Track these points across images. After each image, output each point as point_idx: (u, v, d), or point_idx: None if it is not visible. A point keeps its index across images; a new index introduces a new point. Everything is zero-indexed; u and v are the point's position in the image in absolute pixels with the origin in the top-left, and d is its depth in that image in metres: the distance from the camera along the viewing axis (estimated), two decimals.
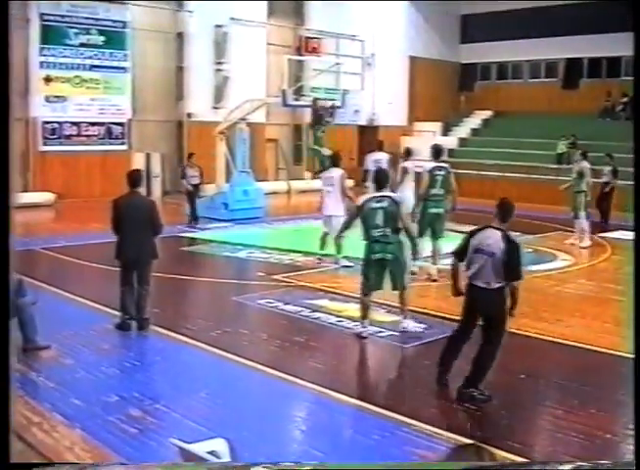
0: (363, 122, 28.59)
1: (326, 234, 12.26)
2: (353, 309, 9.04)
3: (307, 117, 25.31)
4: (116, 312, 8.57)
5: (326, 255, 12.34)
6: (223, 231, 15.94)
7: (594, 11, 26.73)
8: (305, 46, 25.75)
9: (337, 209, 12.01)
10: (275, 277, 11.36)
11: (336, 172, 12.28)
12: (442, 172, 11.35)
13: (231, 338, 8.27)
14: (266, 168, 25.49)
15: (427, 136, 28.95)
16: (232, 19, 23.96)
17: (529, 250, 13.06)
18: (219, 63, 23.89)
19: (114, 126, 22.10)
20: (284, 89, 17.30)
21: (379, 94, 28.38)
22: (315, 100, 17.94)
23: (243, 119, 18.23)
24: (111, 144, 22.04)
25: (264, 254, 13.43)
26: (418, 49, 30.13)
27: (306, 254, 13.14)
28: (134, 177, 8.58)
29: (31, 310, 7.63)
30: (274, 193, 23.18)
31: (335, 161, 12.63)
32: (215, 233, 15.67)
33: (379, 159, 14.93)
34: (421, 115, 30.10)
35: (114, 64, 21.94)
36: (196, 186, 16.89)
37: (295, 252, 13.44)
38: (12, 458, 2.79)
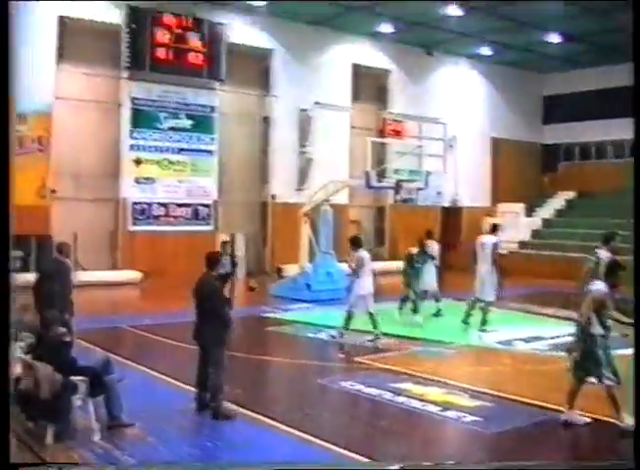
0: (446, 204, 28.56)
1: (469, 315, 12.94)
2: (437, 393, 8.84)
3: (390, 198, 25.96)
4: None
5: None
6: (306, 312, 15.94)
7: None
8: (388, 129, 26.49)
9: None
10: (358, 359, 11.25)
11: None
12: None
13: (314, 421, 8.16)
14: (349, 250, 25.30)
15: (511, 217, 28.65)
16: (317, 103, 24.53)
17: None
18: (303, 145, 24.40)
19: (200, 207, 22.61)
20: (367, 171, 17.47)
21: (461, 175, 28.38)
22: (398, 182, 18.03)
23: (326, 201, 18.46)
24: (197, 225, 22.51)
25: (347, 335, 13.31)
26: (500, 130, 30.18)
27: (388, 335, 13.02)
28: (210, 259, 8.67)
29: (117, 388, 7.74)
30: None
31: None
32: (298, 314, 15.68)
33: (431, 247, 15.65)
34: (504, 196, 29.87)
35: (202, 147, 22.62)
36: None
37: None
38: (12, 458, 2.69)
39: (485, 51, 27.87)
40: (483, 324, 13.71)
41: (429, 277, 15.37)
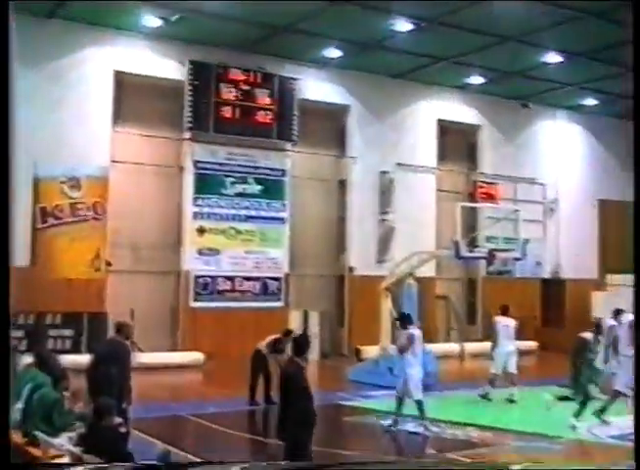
0: (547, 276, 28.06)
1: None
2: None
3: (482, 270, 25.68)
4: None
5: None
6: (389, 400, 15.61)
7: None
8: (479, 192, 26.27)
9: None
10: (449, 456, 10.95)
11: None
12: None
13: None
14: (436, 328, 25.21)
15: (622, 290, 27.78)
16: (399, 164, 24.68)
17: None
18: (384, 212, 24.45)
19: (269, 281, 22.68)
20: (456, 240, 17.36)
21: (564, 243, 27.96)
22: (491, 251, 17.87)
23: (410, 274, 18.40)
24: (266, 300, 22.53)
25: (435, 427, 12.95)
26: (608, 191, 29.57)
27: (485, 428, 12.70)
28: (299, 343, 8.75)
29: None
30: (445, 356, 22.72)
31: None
32: (380, 402, 15.38)
33: (506, 324, 15.56)
34: (614, 266, 29.05)
35: (272, 214, 22.83)
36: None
37: (470, 425, 12.98)
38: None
39: (588, 101, 27.66)
40: (602, 412, 13.15)
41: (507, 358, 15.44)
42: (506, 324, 15.71)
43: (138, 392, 10.92)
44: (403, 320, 13.47)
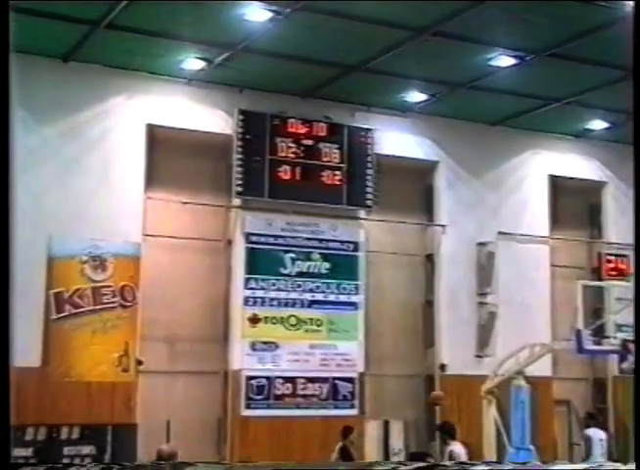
0: None
1: None
2: None
3: (614, 367, 24.78)
4: None
5: None
6: None
7: None
8: (607, 267, 25.84)
9: None
10: None
11: None
12: None
13: None
14: (555, 444, 24.44)
15: None
16: (501, 233, 24.23)
17: None
18: (483, 293, 23.99)
19: (340, 383, 22.16)
20: (578, 329, 17.73)
21: None
22: (625, 343, 17.92)
23: (520, 373, 18.65)
24: (336, 407, 22.05)
25: None
26: None
27: None
28: None
29: None
30: None
31: None
32: None
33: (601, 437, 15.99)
34: None
35: (342, 298, 22.42)
36: None
37: None
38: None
39: None
40: None
41: None
42: (601, 437, 15.24)
43: None
44: (445, 432, 12.85)
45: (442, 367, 23.46)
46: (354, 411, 22.20)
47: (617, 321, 19.61)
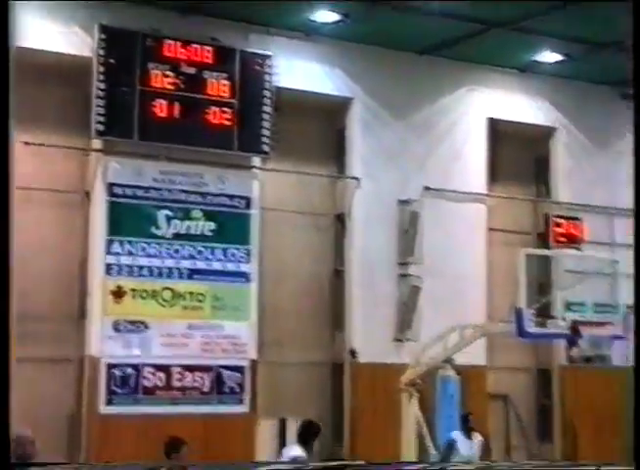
0: None
1: None
2: None
3: (562, 355, 25.53)
4: None
5: None
6: None
7: None
8: (555, 232, 26.47)
9: None
10: None
11: None
12: None
13: None
14: (488, 445, 24.38)
15: None
16: (427, 189, 24.53)
17: None
18: (405, 264, 24.33)
19: (227, 372, 22.31)
20: (519, 308, 17.72)
21: None
22: (575, 325, 18.18)
23: (448, 361, 18.92)
24: (221, 402, 22.19)
25: None
26: None
27: None
28: None
29: None
30: None
31: None
32: None
33: None
34: None
35: (230, 268, 22.52)
36: None
37: None
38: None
39: None
40: None
41: None
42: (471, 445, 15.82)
43: None
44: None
45: (353, 353, 23.70)
46: (243, 408, 22.34)
47: (566, 299, 20.02)
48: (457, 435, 15.57)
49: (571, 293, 20.57)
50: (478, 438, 15.63)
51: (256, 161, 23.08)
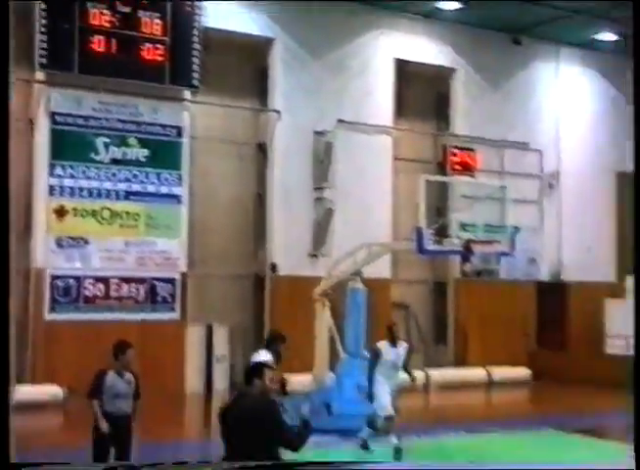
0: (544, 277, 28.43)
1: None
2: None
3: (456, 270, 26.00)
4: None
5: None
6: (325, 449, 15.10)
7: None
8: (452, 161, 26.61)
9: None
10: None
11: None
12: None
13: None
14: (412, 349, 25.12)
15: None
16: (340, 121, 24.62)
17: None
18: (320, 188, 24.54)
19: (159, 284, 22.50)
20: (419, 228, 17.47)
21: (568, 233, 28.34)
22: (468, 243, 18.00)
23: (356, 274, 18.51)
24: (154, 311, 22.40)
25: None
26: (631, 162, 29.75)
27: None
28: (252, 370, 8.41)
29: None
30: (404, 389, 22.60)
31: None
32: (315, 452, 15.00)
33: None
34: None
35: (163, 190, 22.60)
36: None
37: None
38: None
39: (606, 36, 27.92)
40: None
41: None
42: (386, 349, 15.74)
43: None
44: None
45: (273, 267, 24.05)
46: (175, 315, 22.60)
47: (460, 220, 20.08)
48: (383, 344, 15.57)
49: (465, 215, 20.49)
50: (403, 345, 15.66)
51: (187, 94, 22.97)
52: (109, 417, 10.84)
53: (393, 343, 15.24)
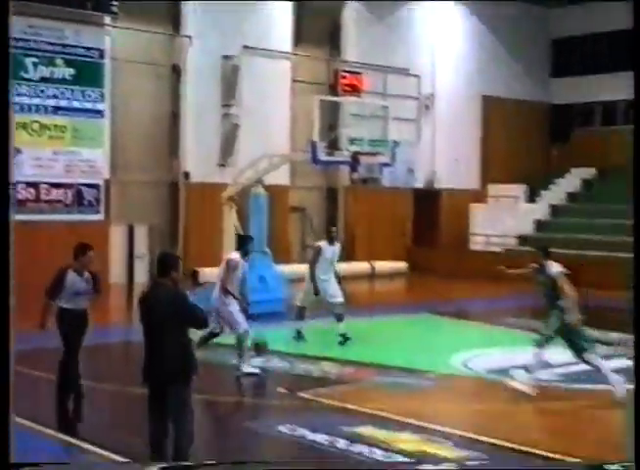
0: (420, 185, 28.96)
1: None
2: (408, 440, 8.99)
3: (345, 178, 26.42)
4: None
5: None
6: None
7: None
8: (342, 83, 26.67)
9: None
10: (301, 395, 11.34)
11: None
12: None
13: None
14: (289, 247, 25.82)
15: (506, 203, 28.99)
16: (246, 47, 24.61)
17: None
18: (227, 105, 24.56)
19: (85, 189, 22.44)
20: (314, 141, 17.64)
21: (440, 147, 28.87)
22: (355, 155, 18.25)
23: (259, 182, 18.63)
24: (81, 212, 22.36)
25: (286, 362, 13.39)
26: (494, 86, 30.49)
27: (343, 363, 13.22)
28: (165, 261, 8.30)
29: None
30: (300, 280, 23.01)
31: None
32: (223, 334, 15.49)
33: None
34: (498, 174, 30.11)
35: (87, 105, 22.43)
36: None
37: (327, 360, 13.44)
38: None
39: None
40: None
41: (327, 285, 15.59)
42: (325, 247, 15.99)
43: None
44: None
45: (186, 175, 24.24)
46: (99, 216, 22.63)
47: (349, 135, 20.28)
48: (323, 243, 15.73)
49: (353, 131, 20.63)
50: (338, 245, 15.92)
51: (107, 19, 22.67)
52: (69, 313, 10.77)
53: (331, 242, 15.64)
